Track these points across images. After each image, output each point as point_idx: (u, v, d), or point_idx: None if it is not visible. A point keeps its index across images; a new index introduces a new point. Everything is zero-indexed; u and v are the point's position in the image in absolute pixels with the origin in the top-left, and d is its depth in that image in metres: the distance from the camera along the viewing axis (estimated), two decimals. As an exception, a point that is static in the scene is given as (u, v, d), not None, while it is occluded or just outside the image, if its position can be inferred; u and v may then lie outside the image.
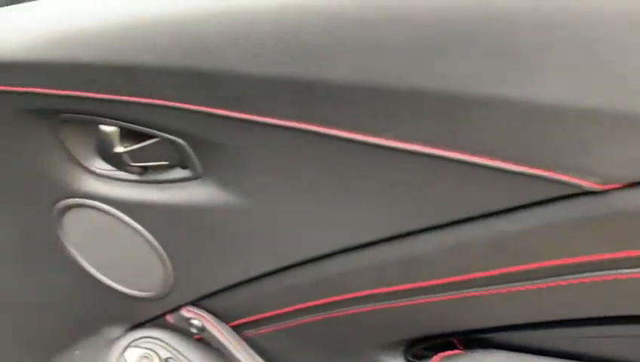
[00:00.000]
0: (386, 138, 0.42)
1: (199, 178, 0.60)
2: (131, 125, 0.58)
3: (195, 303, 0.75)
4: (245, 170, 0.54)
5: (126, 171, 0.64)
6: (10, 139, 0.66)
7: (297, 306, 0.66)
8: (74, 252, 0.75)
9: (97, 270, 0.76)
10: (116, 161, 0.62)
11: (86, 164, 0.66)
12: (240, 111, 0.48)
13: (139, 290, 0.75)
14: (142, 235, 0.68)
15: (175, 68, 0.48)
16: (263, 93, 0.45)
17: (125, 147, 0.60)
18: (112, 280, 0.76)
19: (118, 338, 0.83)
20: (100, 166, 0.66)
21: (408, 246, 0.50)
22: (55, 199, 0.70)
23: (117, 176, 0.65)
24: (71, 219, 0.72)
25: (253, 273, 0.65)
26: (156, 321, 0.80)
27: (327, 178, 0.49)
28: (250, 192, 0.56)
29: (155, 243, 0.68)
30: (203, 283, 0.70)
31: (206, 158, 0.57)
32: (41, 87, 0.57)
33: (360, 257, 0.55)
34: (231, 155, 0.54)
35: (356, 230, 0.52)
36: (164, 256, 0.68)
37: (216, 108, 0.49)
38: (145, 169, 0.63)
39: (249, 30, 0.43)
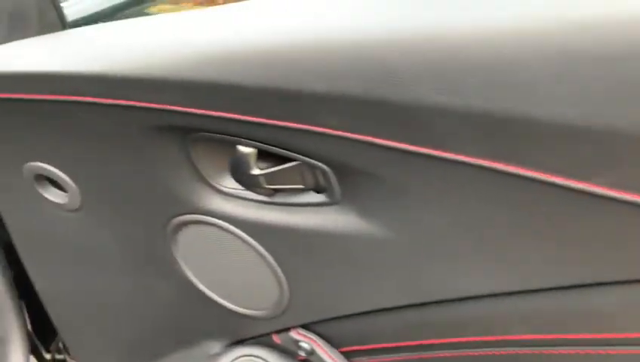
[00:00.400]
0: (597, 185, 0.38)
1: (336, 204, 0.57)
2: (271, 147, 0.56)
3: (306, 326, 0.72)
4: (398, 202, 0.51)
5: (255, 192, 0.62)
6: (137, 154, 0.64)
7: (424, 341, 0.63)
8: (184, 266, 0.74)
9: (206, 286, 0.74)
10: (249, 181, 0.60)
11: (212, 182, 0.64)
12: (415, 145, 0.45)
13: (249, 308, 0.73)
14: (261, 256, 0.66)
15: (347, 96, 0.45)
16: (451, 126, 0.42)
17: (261, 169, 0.58)
18: (221, 297, 0.74)
19: (218, 354, 0.82)
20: (227, 185, 0.64)
21: (587, 295, 0.46)
22: (173, 214, 0.69)
23: (244, 196, 0.63)
24: (186, 235, 0.70)
25: (380, 305, 0.62)
26: (259, 339, 0.79)
27: (502, 218, 0.46)
28: (397, 224, 0.53)
29: (275, 264, 0.66)
30: (320, 308, 0.68)
31: (349, 186, 0.55)
32: (182, 106, 0.55)
33: (519, 301, 0.51)
34: (384, 186, 0.51)
35: (525, 274, 0.48)
36: (282, 278, 0.66)
37: (385, 139, 0.46)
38: (274, 191, 0.61)
39: (447, 60, 0.40)
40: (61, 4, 0.78)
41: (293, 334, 0.73)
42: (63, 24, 0.77)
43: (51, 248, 0.82)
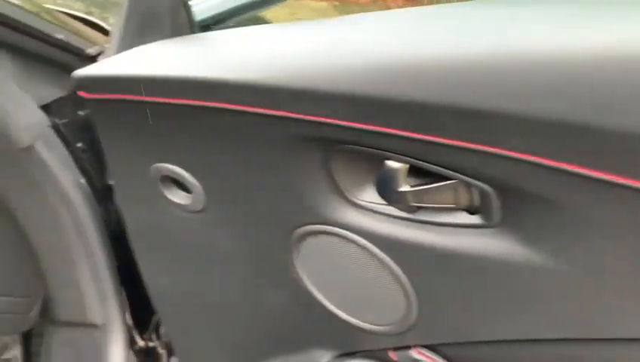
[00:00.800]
0: None
1: (493, 227, 0.54)
2: (426, 164, 0.53)
3: (429, 346, 0.70)
4: (578, 232, 0.48)
5: (397, 208, 0.59)
6: (273, 161, 0.63)
7: None
8: (304, 274, 0.73)
9: (325, 296, 0.73)
10: (394, 197, 0.58)
11: (349, 195, 0.62)
12: (615, 174, 0.41)
13: (369, 323, 0.71)
14: (392, 272, 0.63)
15: (541, 118, 0.42)
16: None
17: (412, 185, 0.56)
18: (340, 308, 0.73)
19: (327, 363, 0.80)
20: (364, 198, 0.62)
21: None
22: (300, 223, 0.67)
23: (383, 211, 0.61)
24: (311, 244, 0.69)
25: (522, 335, 0.58)
26: (371, 353, 0.77)
27: None
28: (571, 254, 0.49)
29: (407, 282, 0.63)
30: (450, 331, 0.65)
31: (514, 209, 0.51)
32: (337, 119, 0.54)
33: None
34: (563, 214, 0.47)
35: None
36: (413, 296, 0.64)
37: (579, 166, 0.42)
38: (417, 208, 0.59)
39: None
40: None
41: (414, 353, 0.71)
42: (191, 26, 0.77)
43: (167, 246, 0.82)
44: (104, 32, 1.04)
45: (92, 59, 0.96)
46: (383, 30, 0.57)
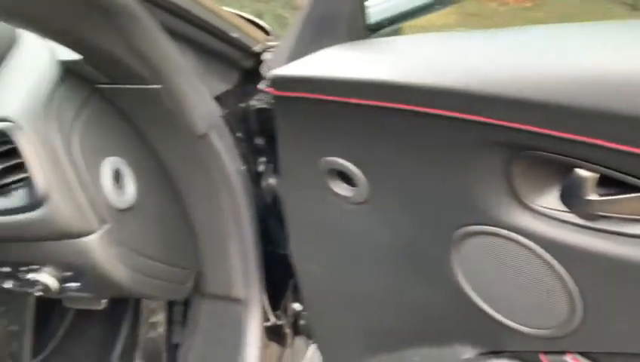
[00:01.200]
0: None
1: None
2: (620, 175, 0.54)
3: (584, 353, 0.70)
4: None
5: (578, 215, 0.61)
6: (449, 162, 0.67)
7: None
8: (460, 272, 0.75)
9: (479, 295, 0.75)
10: (579, 204, 0.59)
11: (524, 199, 0.64)
12: None
13: (524, 325, 0.73)
14: (560, 279, 0.65)
15: None
16: None
17: (600, 195, 0.57)
18: (494, 308, 0.75)
19: (470, 360, 0.83)
20: (541, 203, 0.64)
21: None
22: (464, 223, 0.70)
23: (559, 217, 0.62)
24: (473, 244, 0.72)
25: None
26: (519, 354, 0.78)
27: None
28: None
29: (575, 289, 0.64)
30: (615, 341, 0.66)
31: None
32: (530, 125, 0.56)
33: None
34: None
35: None
36: (579, 303, 0.65)
37: None
38: (598, 216, 0.60)
39: None
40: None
41: (568, 359, 0.72)
42: (365, 29, 0.81)
43: (324, 234, 0.88)
44: (263, 30, 1.12)
45: (256, 56, 1.04)
46: (578, 41, 0.59)
